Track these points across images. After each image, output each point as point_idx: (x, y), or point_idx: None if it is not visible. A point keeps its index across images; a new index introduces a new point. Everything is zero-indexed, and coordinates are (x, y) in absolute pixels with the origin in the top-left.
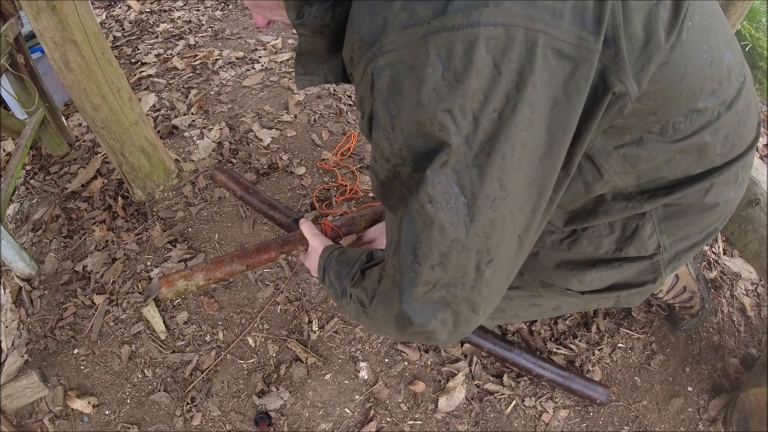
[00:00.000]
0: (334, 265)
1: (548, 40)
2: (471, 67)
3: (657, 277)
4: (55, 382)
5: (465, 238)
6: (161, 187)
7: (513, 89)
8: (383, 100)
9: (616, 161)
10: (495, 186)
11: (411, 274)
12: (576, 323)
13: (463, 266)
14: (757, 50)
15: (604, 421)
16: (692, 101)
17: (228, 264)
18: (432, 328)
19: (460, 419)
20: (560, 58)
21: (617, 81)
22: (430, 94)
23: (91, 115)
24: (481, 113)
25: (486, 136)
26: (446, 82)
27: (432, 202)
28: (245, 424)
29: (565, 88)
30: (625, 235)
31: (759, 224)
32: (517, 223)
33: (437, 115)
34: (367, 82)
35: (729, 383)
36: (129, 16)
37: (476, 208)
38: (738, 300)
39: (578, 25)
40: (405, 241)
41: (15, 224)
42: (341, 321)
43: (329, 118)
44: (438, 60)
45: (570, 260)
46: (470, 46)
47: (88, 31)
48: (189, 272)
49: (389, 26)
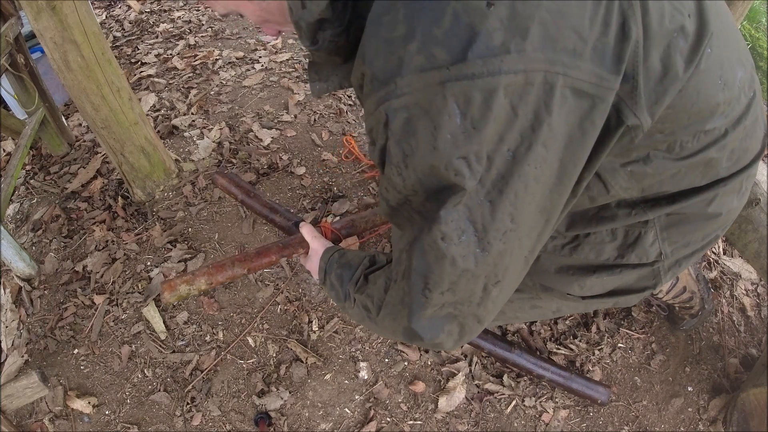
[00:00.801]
0: (336, 268)
1: (567, 80)
2: (489, 115)
3: (657, 282)
4: (55, 382)
5: (474, 268)
6: (161, 187)
7: (528, 129)
8: (397, 140)
9: (623, 177)
10: (506, 221)
11: (421, 299)
12: (576, 323)
13: (471, 289)
14: (757, 50)
15: (604, 421)
16: (701, 123)
17: (229, 268)
18: (440, 340)
19: (460, 419)
20: (578, 97)
21: (631, 115)
22: (445, 141)
23: (91, 115)
24: (495, 153)
25: (499, 174)
26: (463, 129)
27: (444, 238)
28: (245, 424)
29: (581, 125)
30: (627, 243)
31: (759, 224)
32: (524, 247)
33: (452, 162)
34: (379, 119)
35: (729, 383)
36: (129, 16)
37: (487, 241)
38: (738, 300)
39: (598, 65)
40: (416, 270)
41: (15, 224)
42: (341, 321)
43: (329, 118)
44: (455, 107)
45: (571, 265)
46: (490, 94)
47: (88, 31)
48: (191, 277)
49: (405, 68)
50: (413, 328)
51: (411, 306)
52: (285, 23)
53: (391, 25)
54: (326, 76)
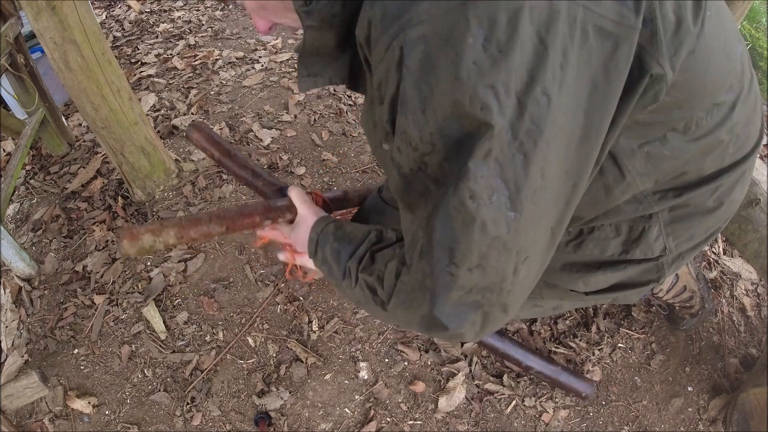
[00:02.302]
0: (332, 241)
1: (589, 15)
2: (516, 38)
3: (660, 276)
4: (55, 382)
5: (506, 235)
6: (161, 187)
7: (558, 69)
8: (413, 79)
9: (639, 161)
10: (537, 176)
11: (446, 277)
12: (576, 323)
13: (502, 269)
14: (757, 50)
15: (604, 421)
16: (715, 95)
17: (205, 224)
18: (463, 330)
19: (460, 419)
20: (600, 36)
21: (654, 63)
22: (469, 68)
23: (91, 115)
24: (527, 95)
25: (533, 121)
26: (488, 54)
27: (474, 197)
28: (245, 424)
29: (605, 69)
30: (632, 238)
31: (759, 224)
32: (550, 215)
33: (478, 91)
34: (391, 60)
35: (729, 383)
36: (129, 16)
37: (519, 201)
38: (738, 300)
39: (617, 1)
40: (439, 242)
41: (15, 224)
42: (341, 321)
43: (329, 118)
44: (479, 29)
45: (576, 262)
46: (515, 15)
47: (88, 31)
48: (158, 227)
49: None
50: (435, 315)
51: (434, 288)
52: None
53: None
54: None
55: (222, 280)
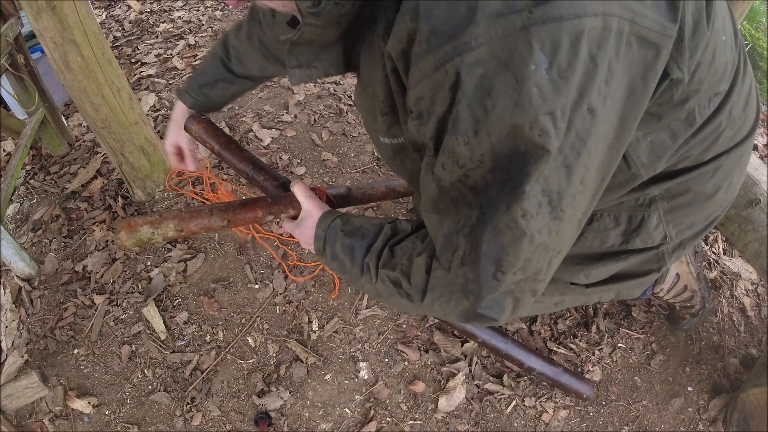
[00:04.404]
0: (341, 237)
1: (634, 28)
2: (576, 63)
3: (661, 266)
4: (55, 382)
5: (548, 239)
6: (161, 187)
7: (603, 83)
8: (468, 102)
9: (644, 150)
10: (578, 183)
11: (492, 283)
12: (576, 323)
13: (540, 265)
14: (757, 50)
15: (604, 421)
16: (717, 85)
17: (206, 216)
18: (497, 316)
19: (460, 419)
20: (643, 46)
21: (676, 67)
22: (531, 95)
23: (91, 115)
24: (575, 112)
25: (578, 135)
26: (551, 80)
27: (525, 215)
28: (245, 424)
29: (644, 76)
30: (632, 228)
31: (759, 224)
32: (583, 210)
33: (539, 119)
34: (442, 81)
35: (729, 383)
36: (129, 16)
37: (561, 209)
38: (738, 300)
39: (657, 13)
40: (486, 254)
41: (15, 224)
42: (341, 321)
43: (329, 118)
44: (542, 55)
45: (576, 254)
46: (577, 39)
47: (88, 31)
48: (157, 218)
49: (479, 14)
50: (479, 312)
51: (479, 292)
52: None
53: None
54: (308, 62)
55: (222, 280)
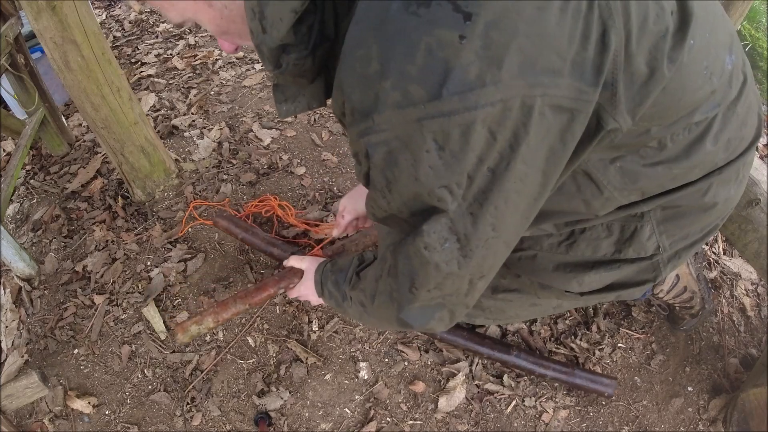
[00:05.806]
0: (330, 276)
1: (546, 99)
2: (467, 147)
3: (657, 275)
4: (55, 382)
5: (458, 270)
6: (161, 187)
7: (507, 149)
8: (380, 169)
9: (614, 175)
10: (488, 230)
11: (409, 296)
12: (576, 323)
13: (457, 286)
14: (757, 50)
15: (604, 421)
16: (689, 117)
17: (233, 305)
18: (431, 326)
19: (460, 419)
20: (557, 113)
21: (611, 120)
22: (426, 173)
23: (91, 115)
24: (476, 172)
25: (480, 189)
26: (443, 161)
27: (427, 247)
28: (245, 424)
29: (562, 137)
30: (624, 237)
31: (759, 224)
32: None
33: (435, 191)
34: (362, 148)
35: (729, 383)
36: (129, 16)
37: (469, 248)
38: (738, 300)
39: (577, 79)
40: (401, 272)
41: (15, 224)
42: (341, 321)
43: (329, 118)
44: (434, 143)
45: (568, 263)
46: (467, 128)
47: (88, 31)
48: (200, 317)
49: (381, 104)
50: (402, 318)
51: (400, 300)
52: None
53: (366, 61)
54: (293, 97)
55: (222, 280)
